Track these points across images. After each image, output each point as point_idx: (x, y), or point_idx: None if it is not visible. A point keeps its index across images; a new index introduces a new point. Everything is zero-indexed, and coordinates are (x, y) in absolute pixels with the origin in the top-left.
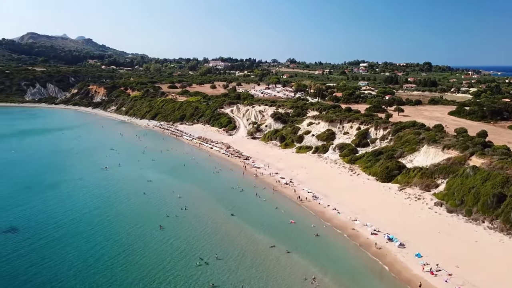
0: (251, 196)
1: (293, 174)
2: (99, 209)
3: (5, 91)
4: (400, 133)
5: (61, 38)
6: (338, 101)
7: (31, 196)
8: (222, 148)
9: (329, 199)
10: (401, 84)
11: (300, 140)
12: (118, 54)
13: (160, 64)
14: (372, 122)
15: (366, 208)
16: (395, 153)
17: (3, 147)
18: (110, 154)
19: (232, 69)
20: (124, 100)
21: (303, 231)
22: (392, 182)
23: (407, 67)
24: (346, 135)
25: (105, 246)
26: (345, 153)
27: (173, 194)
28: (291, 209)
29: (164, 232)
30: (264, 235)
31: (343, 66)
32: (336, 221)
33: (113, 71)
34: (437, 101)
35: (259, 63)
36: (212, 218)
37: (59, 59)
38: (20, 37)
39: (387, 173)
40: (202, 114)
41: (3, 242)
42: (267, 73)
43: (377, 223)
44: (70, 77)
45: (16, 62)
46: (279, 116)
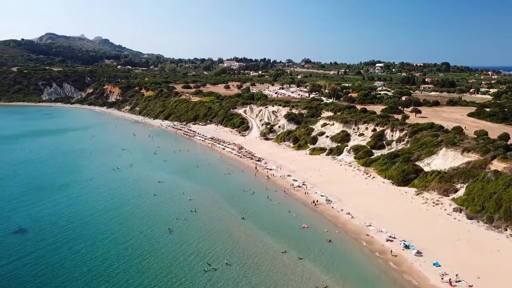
0: (262, 199)
1: (306, 177)
2: (108, 211)
3: (22, 91)
4: (417, 135)
5: (79, 38)
6: (353, 101)
7: (42, 197)
8: (234, 149)
9: (343, 203)
10: (418, 84)
11: (313, 142)
12: (134, 54)
13: (175, 64)
14: (388, 123)
15: (381, 213)
16: (412, 155)
17: (18, 147)
18: (122, 154)
19: (247, 69)
20: (138, 100)
21: (316, 236)
22: (408, 186)
23: (424, 67)
24: (361, 136)
25: (113, 250)
26: (360, 155)
27: (184, 196)
28: (304, 213)
29: (173, 236)
30: (276, 240)
31: (358, 66)
32: (350, 226)
33: (128, 71)
34: (455, 102)
35: (274, 63)
36: (222, 221)
37: (76, 59)
38: (39, 38)
39: (404, 177)
40: (215, 114)
41: (11, 244)
42: (282, 73)
43: (392, 229)
44: (86, 77)
45: (34, 62)
46: (292, 116)
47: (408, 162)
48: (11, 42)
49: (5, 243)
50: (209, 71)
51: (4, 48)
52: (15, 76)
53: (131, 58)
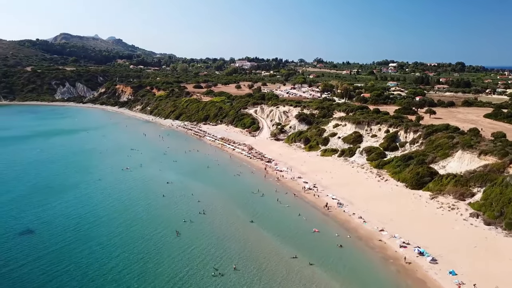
0: (272, 201)
1: (317, 179)
2: (116, 213)
3: (36, 90)
4: (431, 137)
5: (93, 38)
6: (366, 102)
7: (50, 197)
8: (244, 149)
9: (355, 206)
10: (432, 84)
11: (325, 143)
12: (146, 54)
13: (187, 64)
14: (402, 124)
15: (395, 218)
16: (426, 158)
17: (30, 146)
18: (132, 154)
19: (258, 69)
20: (149, 99)
21: (327, 241)
22: (423, 190)
23: (439, 67)
24: (374, 138)
25: (120, 253)
26: (372, 157)
27: (192, 197)
28: (314, 216)
29: (180, 239)
30: (285, 244)
31: (371, 66)
32: (361, 231)
33: (140, 70)
34: (471, 103)
35: (286, 63)
36: (231, 224)
37: (89, 59)
38: (54, 38)
39: (418, 180)
40: (225, 114)
41: (17, 246)
42: (293, 73)
43: (406, 235)
44: (98, 76)
45: (48, 62)
46: (304, 117)
47: (423, 164)
48: (26, 42)
49: (11, 244)
50: (221, 71)
51: (20, 48)
52: (29, 75)
53: (144, 58)
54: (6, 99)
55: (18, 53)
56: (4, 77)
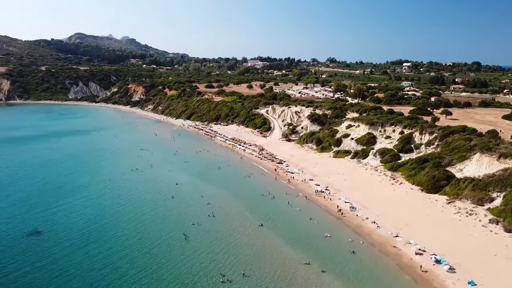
0: (282, 204)
1: (329, 181)
2: (125, 214)
3: (50, 89)
4: (448, 139)
5: (107, 38)
6: (379, 102)
7: (59, 198)
8: (255, 150)
9: (368, 210)
10: (448, 85)
11: (338, 144)
12: (159, 53)
13: (199, 64)
14: (417, 125)
15: (410, 223)
16: (443, 160)
17: (41, 146)
18: (142, 154)
19: (270, 68)
20: (161, 99)
21: (339, 247)
22: (439, 194)
23: (454, 67)
24: (388, 139)
25: (127, 257)
26: (386, 159)
27: (202, 199)
28: (326, 220)
29: (188, 243)
30: (296, 249)
31: (385, 66)
32: (375, 237)
33: (153, 70)
34: (488, 104)
35: (298, 62)
36: (240, 228)
37: (103, 59)
38: (68, 37)
39: (434, 183)
40: (237, 114)
41: (25, 248)
42: (306, 73)
43: (422, 241)
44: (111, 76)
45: (62, 62)
46: (316, 117)
47: (439, 167)
48: (42, 42)
49: (17, 245)
50: (233, 70)
51: (35, 47)
52: (43, 75)
53: (156, 58)
54: (21, 98)
55: (33, 53)
56: (19, 76)
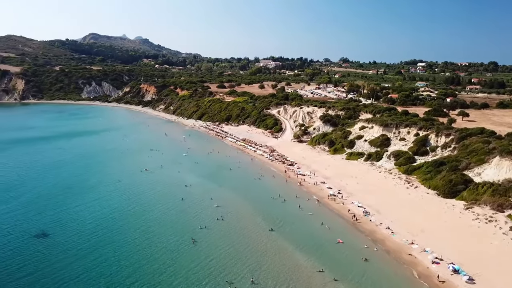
0: (293, 208)
1: (341, 184)
2: (133, 217)
3: (64, 89)
4: (465, 141)
5: (120, 38)
6: (393, 103)
7: (68, 199)
8: (266, 151)
9: (382, 215)
10: (463, 85)
11: (351, 146)
12: (172, 53)
13: (212, 64)
14: (433, 127)
15: (426, 229)
16: (460, 164)
17: (52, 146)
18: (152, 155)
19: (283, 68)
20: (173, 99)
21: (352, 253)
22: (456, 199)
23: (470, 67)
24: (402, 141)
25: (135, 262)
26: (401, 162)
27: (211, 201)
28: (338, 225)
29: (196, 247)
30: (308, 256)
31: (399, 66)
32: (389, 244)
33: (165, 70)
34: (506, 105)
35: (311, 62)
36: (249, 232)
37: (116, 58)
38: (83, 38)
39: (451, 188)
40: (248, 115)
41: (32, 251)
42: (318, 73)
43: (439, 249)
44: (124, 75)
45: (76, 61)
46: (328, 118)
47: (456, 171)
48: (56, 42)
49: (26, 248)
50: (245, 70)
51: (50, 48)
52: (57, 74)
53: (169, 58)
54: (35, 98)
55: (48, 53)
56: (34, 76)
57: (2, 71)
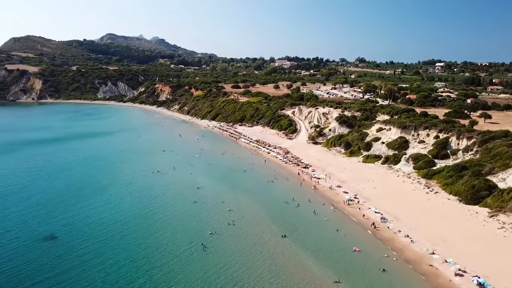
0: (307, 213)
1: (358, 188)
2: (144, 221)
3: (80, 89)
4: (488, 145)
5: (137, 38)
6: (411, 104)
7: (78, 201)
8: (280, 153)
9: (401, 222)
10: (484, 85)
11: (367, 148)
12: (188, 53)
13: (227, 64)
14: (454, 129)
15: (448, 238)
16: (483, 168)
17: (66, 147)
18: (165, 156)
19: (298, 68)
20: (187, 99)
21: (368, 263)
22: (479, 206)
23: (490, 67)
24: (421, 144)
25: (145, 270)
26: (420, 165)
27: (223, 205)
28: (354, 232)
29: (206, 254)
30: (322, 265)
31: (416, 66)
32: (408, 253)
33: (180, 70)
34: None
35: (326, 62)
36: (261, 238)
37: (132, 58)
38: (100, 38)
39: (473, 194)
40: (262, 115)
41: (39, 254)
42: (334, 73)
43: (462, 260)
44: (139, 75)
45: (93, 61)
46: (344, 119)
47: (479, 176)
48: (74, 42)
49: (33, 251)
50: (260, 70)
51: (67, 48)
52: (73, 74)
53: (185, 58)
54: (52, 98)
55: (65, 53)
56: (51, 76)
57: (20, 71)
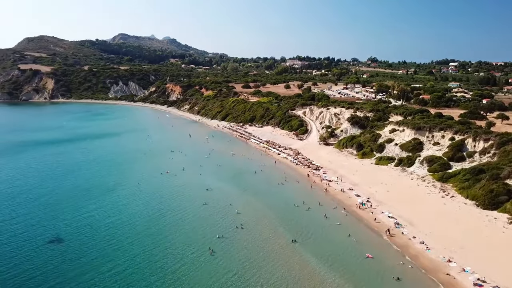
0: (318, 217)
1: (370, 192)
2: (151, 224)
3: (91, 88)
4: (507, 147)
5: (148, 38)
6: (425, 104)
7: (86, 202)
8: (290, 154)
9: (416, 228)
10: (500, 86)
11: (380, 150)
12: (199, 53)
13: (237, 64)
14: (470, 131)
15: (465, 245)
16: (501, 172)
17: (77, 146)
18: (174, 156)
19: (309, 68)
20: (197, 99)
21: (382, 271)
22: (498, 211)
23: (506, 67)
24: (436, 146)
25: (152, 277)
26: (435, 168)
27: (231, 207)
28: (367, 238)
29: (214, 259)
30: (334, 272)
31: (430, 66)
32: (424, 260)
33: (191, 70)
34: None
35: (338, 61)
36: (271, 243)
37: (143, 58)
38: (112, 38)
39: (492, 198)
40: (272, 116)
41: (44, 259)
42: (346, 72)
43: (481, 269)
44: (150, 75)
45: (105, 61)
46: (357, 120)
47: (497, 180)
48: (87, 42)
49: (38, 255)
50: (271, 70)
51: (80, 48)
52: (85, 74)
53: (196, 57)
54: (64, 97)
55: (78, 53)
56: (63, 75)
57: (33, 70)
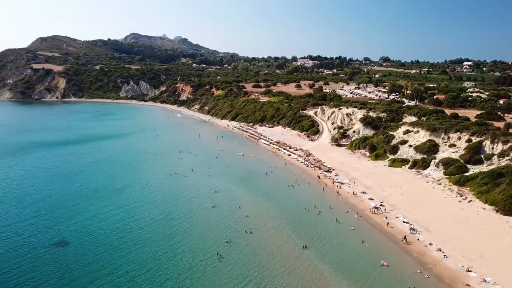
0: (330, 222)
1: (384, 195)
2: (158, 227)
3: (103, 88)
4: None
5: (160, 38)
6: (440, 105)
7: (93, 204)
8: (301, 155)
9: (432, 234)
10: None
11: (394, 151)
12: (210, 53)
13: (248, 63)
14: (488, 133)
15: (485, 253)
16: None
17: (86, 147)
18: (183, 157)
19: (321, 67)
20: (208, 99)
21: (398, 280)
22: None
23: None
24: (452, 148)
25: (156, 282)
26: (451, 171)
27: (240, 211)
28: (381, 244)
29: (222, 265)
30: (348, 281)
31: (443, 65)
32: (441, 270)
33: (202, 69)
34: None
35: (350, 61)
36: (280, 249)
37: (155, 58)
38: (124, 38)
39: None
40: (283, 116)
41: (48, 262)
42: (358, 72)
43: (503, 279)
44: (161, 75)
45: (116, 61)
46: (369, 120)
47: None
48: (99, 41)
49: (42, 258)
50: (282, 69)
51: (92, 47)
52: (97, 73)
53: (207, 57)
54: (75, 96)
55: (90, 52)
56: (75, 75)
57: (46, 70)
